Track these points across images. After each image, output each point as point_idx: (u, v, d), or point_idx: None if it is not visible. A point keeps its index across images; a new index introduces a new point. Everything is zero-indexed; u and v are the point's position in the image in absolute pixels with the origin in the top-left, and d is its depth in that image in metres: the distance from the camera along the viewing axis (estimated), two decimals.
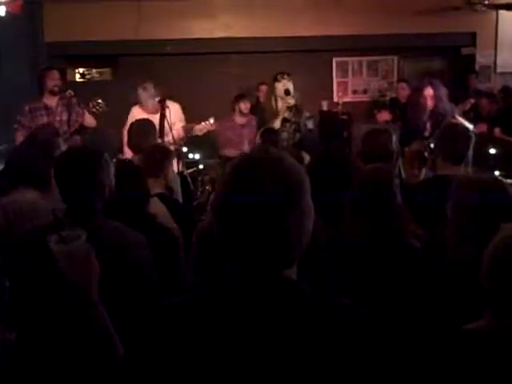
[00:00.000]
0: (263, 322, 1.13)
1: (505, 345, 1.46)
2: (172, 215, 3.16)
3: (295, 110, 6.03)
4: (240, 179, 1.16)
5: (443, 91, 5.67)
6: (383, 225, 2.44)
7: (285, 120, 5.95)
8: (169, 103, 5.34)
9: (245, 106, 6.44)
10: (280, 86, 5.93)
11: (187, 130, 5.49)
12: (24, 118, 5.25)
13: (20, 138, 5.09)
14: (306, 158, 5.81)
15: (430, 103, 5.48)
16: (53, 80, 5.35)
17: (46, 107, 5.31)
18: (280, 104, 5.98)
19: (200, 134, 5.44)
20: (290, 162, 1.21)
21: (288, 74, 6.05)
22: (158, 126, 4.98)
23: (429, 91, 5.45)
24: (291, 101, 5.83)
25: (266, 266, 1.16)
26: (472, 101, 6.93)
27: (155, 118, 5.02)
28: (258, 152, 1.25)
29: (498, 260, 1.50)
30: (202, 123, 5.46)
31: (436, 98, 5.46)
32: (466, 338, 1.48)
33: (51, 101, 5.37)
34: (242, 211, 1.14)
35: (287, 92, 5.88)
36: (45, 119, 5.24)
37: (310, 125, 6.24)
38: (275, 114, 5.99)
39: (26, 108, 5.26)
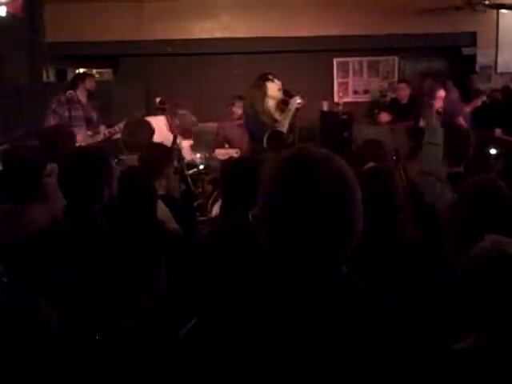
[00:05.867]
0: (322, 319, 1.11)
1: (492, 363, 1.45)
2: (174, 216, 3.15)
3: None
4: (299, 179, 1.12)
5: (455, 94, 5.65)
6: (385, 222, 2.44)
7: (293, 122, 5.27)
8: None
9: (240, 109, 6.41)
10: (274, 86, 5.41)
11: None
12: (60, 108, 5.78)
13: (48, 123, 5.61)
14: None
15: (439, 104, 5.46)
16: (91, 82, 6.19)
17: (80, 102, 5.95)
18: (272, 104, 5.47)
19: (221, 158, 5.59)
20: (339, 159, 1.18)
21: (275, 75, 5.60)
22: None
23: (441, 93, 5.44)
24: (301, 100, 5.12)
25: (324, 264, 1.14)
26: (484, 98, 6.86)
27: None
28: (309, 150, 1.18)
29: (475, 276, 1.50)
30: (228, 150, 5.55)
31: (447, 100, 5.47)
32: (455, 358, 1.46)
33: (84, 98, 6.03)
34: (303, 208, 1.10)
35: (288, 93, 5.27)
36: (80, 113, 5.89)
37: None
38: (269, 116, 5.52)
39: (63, 98, 5.82)
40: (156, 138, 4.47)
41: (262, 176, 1.18)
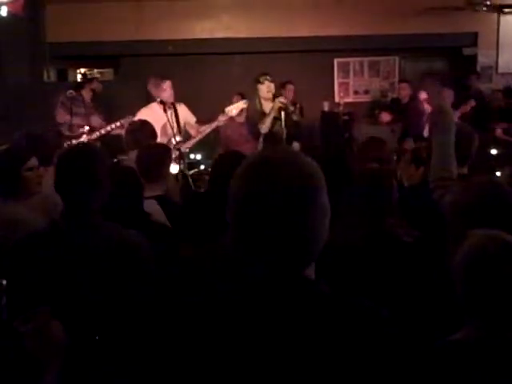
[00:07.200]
0: (283, 322, 1.12)
1: (489, 355, 1.45)
2: (170, 218, 3.13)
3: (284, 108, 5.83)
4: (258, 179, 1.15)
5: (447, 93, 5.66)
6: (378, 222, 2.45)
7: (275, 119, 5.82)
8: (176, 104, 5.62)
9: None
10: (264, 88, 5.77)
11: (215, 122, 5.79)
12: (66, 100, 6.00)
13: (60, 115, 5.94)
14: (296, 146, 5.90)
15: (426, 106, 5.54)
16: (98, 83, 6.54)
17: (83, 101, 6.16)
18: (265, 105, 5.78)
19: (233, 114, 5.76)
20: (307, 160, 1.20)
21: (269, 75, 5.89)
22: (172, 125, 5.30)
23: (423, 95, 5.51)
24: (283, 100, 5.66)
25: (286, 265, 1.15)
26: (473, 103, 6.89)
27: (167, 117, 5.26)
28: (274, 151, 1.23)
29: (472, 271, 1.51)
30: (237, 104, 5.75)
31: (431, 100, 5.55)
32: (451, 349, 1.47)
33: (88, 98, 6.23)
34: (262, 210, 1.13)
35: (275, 95, 5.74)
36: (82, 110, 6.07)
37: (295, 117, 6.21)
38: (262, 115, 5.82)
39: (68, 93, 6.03)
40: (157, 127, 4.53)
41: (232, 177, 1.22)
